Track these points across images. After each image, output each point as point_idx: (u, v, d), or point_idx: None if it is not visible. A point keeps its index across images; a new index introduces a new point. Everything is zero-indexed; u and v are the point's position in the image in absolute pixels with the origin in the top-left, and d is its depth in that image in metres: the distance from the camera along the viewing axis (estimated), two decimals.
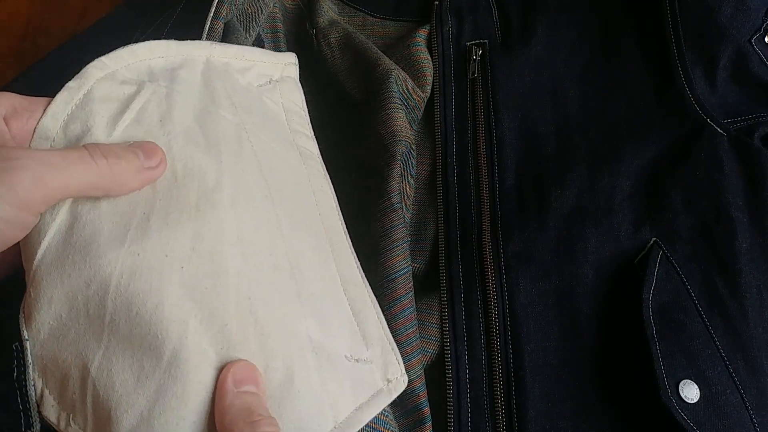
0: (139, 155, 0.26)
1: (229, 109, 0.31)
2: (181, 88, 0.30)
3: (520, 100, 0.45)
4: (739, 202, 0.38)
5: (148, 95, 0.29)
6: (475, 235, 0.40)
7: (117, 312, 0.24)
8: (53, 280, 0.25)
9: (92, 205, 0.26)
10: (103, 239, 0.25)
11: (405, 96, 0.44)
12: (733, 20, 0.41)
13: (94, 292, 0.24)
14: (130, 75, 0.30)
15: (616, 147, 0.41)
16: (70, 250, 0.25)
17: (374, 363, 0.29)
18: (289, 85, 0.37)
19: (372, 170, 0.42)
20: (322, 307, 0.29)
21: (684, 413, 0.32)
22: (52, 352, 0.24)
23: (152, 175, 0.26)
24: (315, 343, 0.27)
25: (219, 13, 0.38)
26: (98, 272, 0.24)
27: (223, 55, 0.34)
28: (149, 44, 0.31)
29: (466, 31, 0.49)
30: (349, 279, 0.32)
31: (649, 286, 0.35)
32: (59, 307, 0.24)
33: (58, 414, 0.24)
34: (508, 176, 0.42)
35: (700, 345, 0.34)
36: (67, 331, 0.24)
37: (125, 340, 0.24)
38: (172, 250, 0.25)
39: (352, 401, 0.28)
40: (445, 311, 0.38)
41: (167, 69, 0.31)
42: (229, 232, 0.26)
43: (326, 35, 0.48)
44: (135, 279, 0.24)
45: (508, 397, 0.35)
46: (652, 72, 0.43)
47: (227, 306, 0.25)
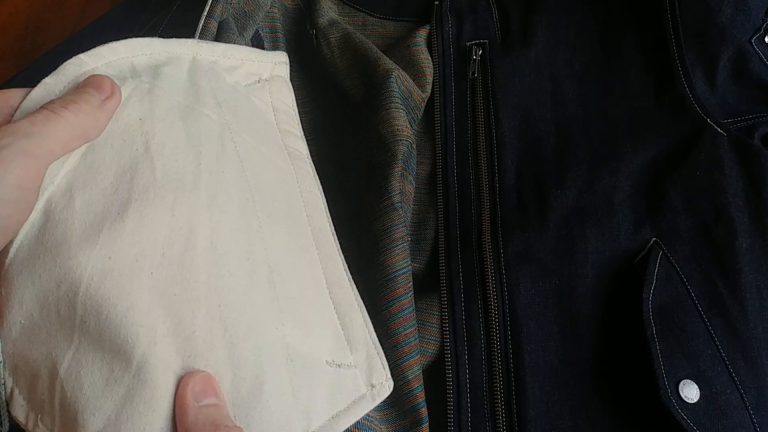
0: (92, 93, 0.26)
1: (213, 108, 0.31)
2: (164, 84, 0.30)
3: (520, 100, 0.45)
4: (739, 203, 0.38)
5: (129, 91, 0.28)
6: (475, 235, 0.40)
7: (87, 314, 0.24)
8: (24, 280, 0.24)
9: (66, 203, 0.25)
10: (75, 239, 0.24)
11: (405, 96, 0.44)
12: (733, 20, 0.41)
13: (65, 293, 0.24)
14: (112, 71, 0.29)
15: (616, 147, 0.41)
16: (42, 250, 0.25)
17: (358, 368, 0.29)
18: (278, 84, 0.36)
19: (373, 169, 0.42)
20: (303, 312, 0.28)
21: (684, 413, 0.32)
22: (23, 351, 0.24)
23: (113, 104, 0.27)
24: (291, 349, 0.27)
25: (213, 12, 0.38)
26: (69, 273, 0.24)
27: (210, 53, 0.33)
28: (131, 42, 0.31)
29: (466, 31, 0.49)
30: (336, 281, 0.31)
31: (649, 286, 0.35)
32: (30, 307, 0.24)
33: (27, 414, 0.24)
34: (508, 176, 0.42)
35: (700, 345, 0.34)
36: (39, 331, 0.24)
37: (95, 343, 0.24)
38: (143, 255, 0.25)
39: (327, 409, 0.27)
40: (445, 311, 0.38)
41: (151, 66, 0.31)
42: (203, 237, 0.26)
43: (326, 35, 0.48)
44: (105, 282, 0.24)
45: (508, 397, 0.35)
46: (652, 72, 0.43)
47: (196, 313, 0.25)
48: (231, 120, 0.31)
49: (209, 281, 0.25)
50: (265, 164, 0.31)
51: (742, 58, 0.42)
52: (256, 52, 0.36)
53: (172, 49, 0.32)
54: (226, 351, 0.25)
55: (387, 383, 0.29)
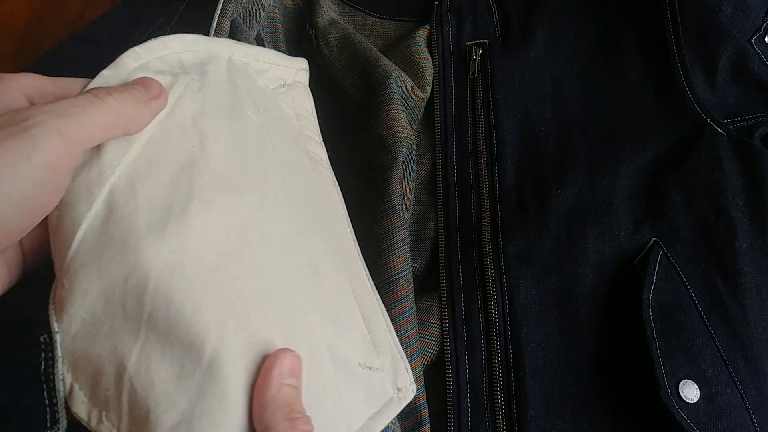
0: (139, 89, 0.26)
1: (252, 110, 0.31)
2: (211, 83, 0.30)
3: (520, 100, 0.45)
4: (739, 203, 0.38)
5: (182, 88, 0.29)
6: (475, 235, 0.40)
7: (156, 309, 0.23)
8: (89, 272, 0.24)
9: (130, 196, 0.25)
10: (142, 233, 0.24)
11: (405, 96, 0.44)
12: (733, 20, 0.41)
13: (132, 287, 0.23)
14: (164, 66, 0.30)
15: (616, 147, 0.41)
16: (108, 242, 0.24)
17: (384, 371, 0.29)
18: (299, 90, 0.37)
19: (373, 171, 0.42)
20: (338, 314, 0.28)
21: (684, 413, 0.32)
22: (83, 347, 0.24)
23: (158, 104, 0.27)
24: (332, 350, 0.27)
25: (225, 11, 0.38)
26: (137, 267, 0.24)
27: (244, 54, 0.33)
28: (180, 37, 0.31)
29: (466, 31, 0.49)
30: (359, 286, 0.31)
31: (649, 286, 0.35)
32: (94, 301, 0.24)
33: (89, 410, 0.24)
34: (508, 176, 0.42)
35: (700, 345, 0.34)
36: (101, 326, 0.24)
37: (164, 338, 0.23)
38: (207, 252, 0.25)
39: (365, 410, 0.27)
40: (445, 311, 0.38)
41: (196, 63, 0.31)
42: (256, 237, 0.26)
43: (325, 35, 0.48)
44: (174, 278, 0.24)
45: (508, 397, 0.35)
46: (652, 72, 0.43)
47: (255, 311, 0.25)
48: (268, 122, 0.31)
49: (266, 279, 0.26)
50: (296, 169, 0.32)
51: (742, 58, 0.42)
52: (282, 56, 0.36)
53: (213, 48, 0.32)
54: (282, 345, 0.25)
55: (411, 387, 0.30)
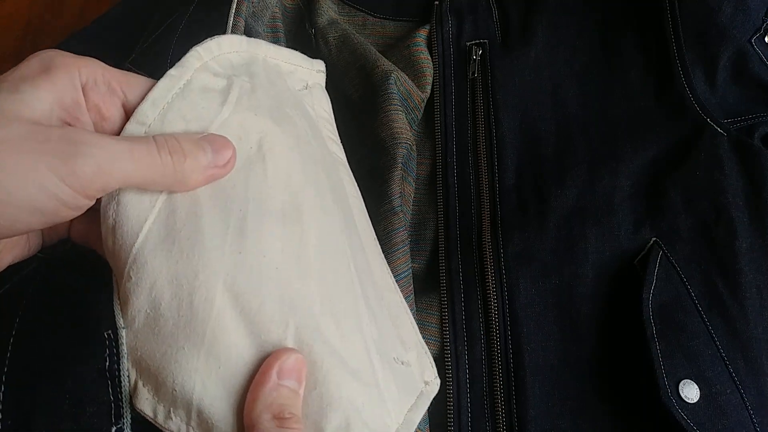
0: (207, 152, 0.25)
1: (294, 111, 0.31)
2: (259, 84, 0.30)
3: (520, 100, 0.45)
4: (739, 202, 0.38)
5: (239, 90, 0.29)
6: (475, 235, 0.40)
7: (224, 309, 0.23)
8: (159, 264, 0.24)
9: (191, 198, 0.25)
10: (207, 232, 0.24)
11: (405, 97, 0.44)
12: (733, 20, 0.41)
13: (202, 282, 0.23)
14: (219, 68, 0.30)
15: (616, 147, 0.41)
16: (177, 237, 0.24)
17: (413, 366, 0.30)
18: (318, 92, 0.37)
19: (372, 172, 0.42)
20: (375, 310, 0.29)
21: (684, 413, 0.32)
22: (146, 346, 0.24)
23: (218, 173, 0.26)
24: (377, 344, 0.27)
25: (240, 10, 0.38)
26: (208, 264, 0.24)
27: (276, 56, 0.34)
28: (230, 38, 0.31)
29: (466, 31, 0.49)
30: (385, 284, 0.32)
31: (649, 286, 0.35)
32: (160, 294, 0.23)
33: (155, 407, 0.24)
34: (508, 176, 0.42)
35: (700, 345, 0.34)
36: (165, 323, 0.23)
37: (229, 338, 0.23)
38: (269, 252, 0.25)
39: (406, 402, 0.28)
40: (445, 311, 0.38)
41: (243, 65, 0.31)
42: (311, 235, 0.27)
43: (324, 35, 0.48)
44: (239, 278, 0.24)
45: (508, 396, 0.35)
46: (652, 72, 0.43)
47: (313, 309, 0.25)
48: (304, 124, 0.31)
49: (320, 277, 0.26)
50: (330, 170, 0.32)
51: (742, 58, 0.42)
52: (304, 58, 0.36)
53: (252, 49, 0.32)
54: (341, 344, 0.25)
55: (435, 381, 0.30)
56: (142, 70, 0.34)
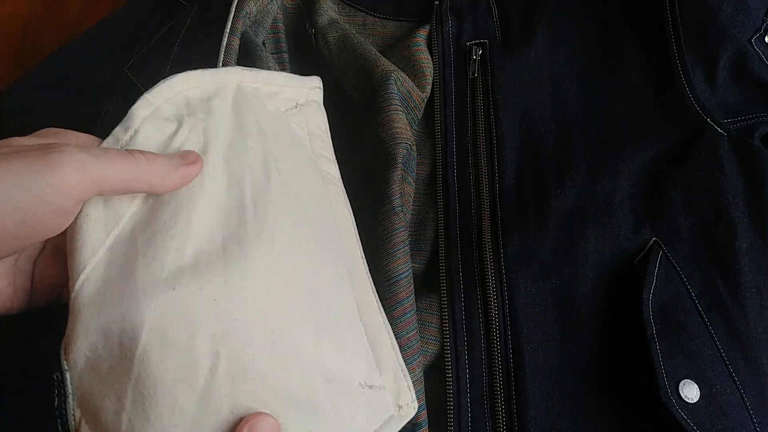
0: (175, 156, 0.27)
1: (257, 138, 0.31)
2: (215, 121, 0.31)
3: (520, 100, 0.45)
4: (739, 202, 0.38)
5: (187, 132, 0.30)
6: (475, 235, 0.40)
7: (150, 343, 0.24)
8: (91, 311, 0.25)
9: (130, 241, 0.27)
10: (140, 273, 0.25)
11: (405, 97, 0.44)
12: (733, 20, 0.41)
13: (129, 323, 0.24)
14: (170, 110, 0.31)
15: (616, 147, 0.41)
16: (108, 284, 0.25)
17: (387, 389, 0.30)
18: (313, 109, 0.37)
19: (372, 172, 0.42)
20: (340, 334, 0.29)
21: (684, 413, 0.32)
22: (88, 383, 0.25)
23: (190, 170, 0.27)
24: (329, 371, 0.28)
25: (235, 29, 0.38)
26: (134, 305, 0.25)
27: (253, 80, 0.34)
28: (184, 75, 0.31)
29: (466, 31, 0.49)
30: (365, 305, 0.32)
31: (649, 286, 0.35)
32: (95, 339, 0.25)
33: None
34: (508, 176, 0.42)
35: (700, 345, 0.34)
36: (102, 363, 0.25)
37: (156, 372, 0.24)
38: (207, 284, 0.26)
39: (365, 428, 0.28)
40: (445, 311, 0.38)
41: (203, 99, 0.32)
42: (254, 267, 0.27)
43: (324, 35, 0.48)
44: (169, 312, 0.25)
45: (508, 396, 0.35)
46: (652, 72, 0.43)
47: (253, 338, 0.26)
48: (274, 148, 0.32)
49: (261, 307, 0.26)
50: (307, 191, 0.32)
51: (742, 58, 0.42)
52: (293, 78, 0.36)
53: (221, 78, 0.33)
54: (281, 374, 0.26)
55: (412, 404, 0.30)
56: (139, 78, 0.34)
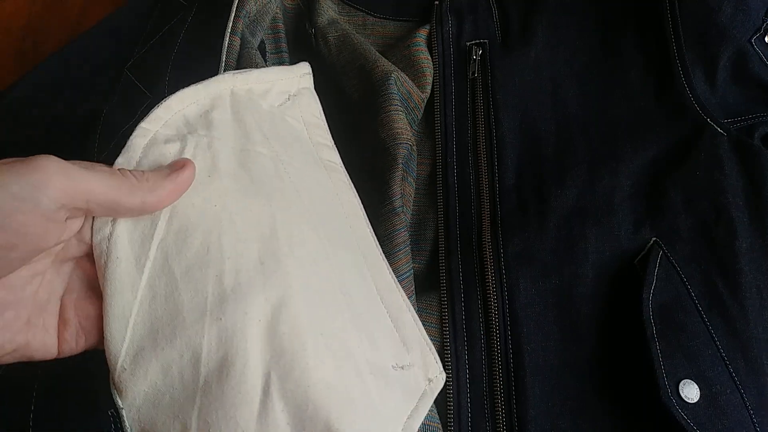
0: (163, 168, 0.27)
1: (262, 143, 0.31)
2: (218, 133, 0.31)
3: (520, 100, 0.45)
4: (739, 202, 0.38)
5: (192, 150, 0.30)
6: (475, 235, 0.40)
7: (209, 375, 0.25)
8: (147, 354, 0.26)
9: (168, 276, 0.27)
10: (187, 310, 0.26)
11: (405, 97, 0.44)
12: (733, 20, 0.41)
13: (188, 361, 0.26)
14: (170, 132, 0.30)
15: (616, 147, 0.41)
16: (159, 325, 0.26)
17: (416, 365, 0.30)
18: (306, 97, 0.37)
19: (373, 173, 0.42)
20: (369, 324, 0.29)
21: (684, 413, 0.32)
22: (149, 416, 0.26)
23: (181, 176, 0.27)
24: (371, 363, 0.28)
25: (236, 29, 0.38)
26: (189, 342, 0.26)
27: (245, 83, 0.34)
28: (179, 95, 0.31)
29: (466, 31, 0.49)
30: (384, 287, 0.32)
31: (649, 286, 0.35)
32: (154, 377, 0.26)
33: None
34: (508, 176, 0.42)
35: (700, 345, 0.34)
36: (162, 397, 0.26)
37: (217, 400, 0.25)
38: (250, 306, 0.26)
39: (404, 409, 0.29)
40: (445, 311, 0.38)
41: (200, 115, 0.32)
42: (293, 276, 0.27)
43: (324, 34, 0.48)
44: (222, 343, 0.26)
45: (508, 396, 0.35)
46: (652, 72, 0.43)
47: (306, 345, 0.26)
48: (279, 150, 0.32)
49: (308, 314, 0.27)
50: (314, 186, 0.32)
51: (742, 58, 0.42)
52: (283, 70, 0.36)
53: (214, 90, 0.32)
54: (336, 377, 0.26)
55: (441, 375, 0.31)
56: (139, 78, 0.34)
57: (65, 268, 0.28)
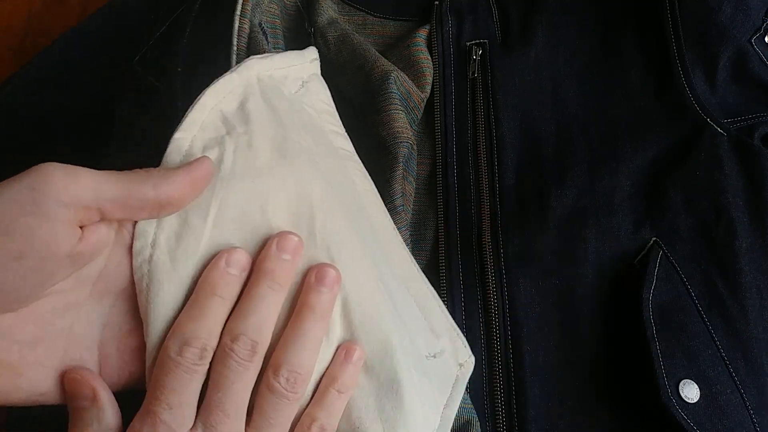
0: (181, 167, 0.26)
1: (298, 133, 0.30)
2: (257, 127, 0.29)
3: (520, 100, 0.45)
4: (739, 202, 0.38)
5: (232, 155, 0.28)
6: (475, 235, 0.40)
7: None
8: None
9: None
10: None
11: (404, 96, 0.44)
12: (733, 20, 0.41)
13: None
14: (208, 135, 0.28)
15: (616, 147, 0.41)
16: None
17: (446, 352, 0.31)
18: (315, 84, 0.36)
19: (374, 172, 0.41)
20: (404, 315, 0.29)
21: (684, 413, 0.32)
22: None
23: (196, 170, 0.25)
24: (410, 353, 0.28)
25: (245, 11, 0.38)
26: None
27: (267, 68, 0.33)
28: (213, 89, 0.29)
29: (466, 31, 0.49)
30: (409, 275, 0.32)
31: (649, 286, 0.35)
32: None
33: None
34: (508, 176, 0.42)
35: (700, 345, 0.34)
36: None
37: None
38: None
39: (441, 399, 0.29)
40: None
41: (237, 108, 0.30)
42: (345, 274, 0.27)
43: (324, 34, 0.48)
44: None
45: (508, 396, 0.35)
46: (652, 72, 0.43)
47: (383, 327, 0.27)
48: (309, 141, 0.31)
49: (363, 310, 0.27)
50: (337, 176, 0.32)
51: (742, 58, 0.42)
52: (296, 55, 0.35)
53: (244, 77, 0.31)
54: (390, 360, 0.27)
55: (470, 359, 0.31)
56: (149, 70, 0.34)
57: (106, 301, 0.26)
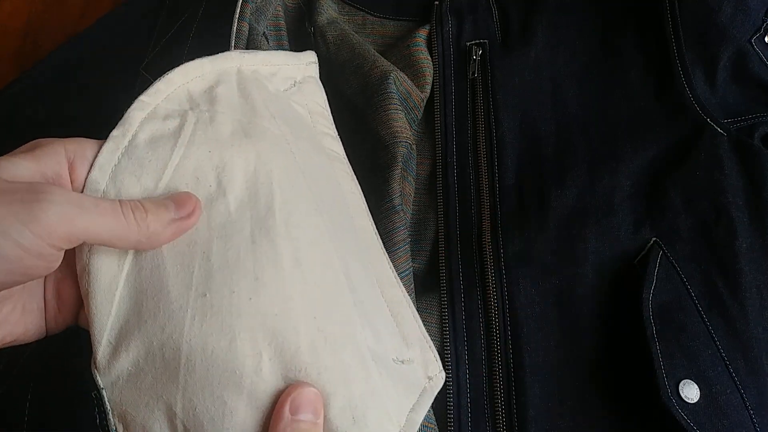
0: (170, 208, 0.26)
1: (270, 120, 0.31)
2: (223, 108, 0.30)
3: (520, 100, 0.45)
4: (739, 202, 0.38)
5: (192, 126, 0.29)
6: (475, 235, 0.40)
7: (192, 353, 0.24)
8: (131, 328, 0.25)
9: (154, 252, 0.26)
10: (171, 284, 0.25)
11: (404, 96, 0.44)
12: (733, 20, 0.41)
13: (169, 335, 0.25)
14: (171, 106, 0.30)
15: (616, 147, 0.41)
16: (143, 298, 0.26)
17: (416, 362, 0.30)
18: (311, 85, 0.37)
19: (373, 171, 0.42)
20: (371, 314, 0.29)
21: (684, 413, 0.32)
22: (131, 397, 0.25)
23: (184, 224, 0.26)
24: (373, 351, 0.27)
25: (244, 14, 0.38)
26: (171, 316, 0.25)
27: (252, 62, 0.33)
28: (183, 68, 0.31)
29: (466, 31, 0.49)
30: (385, 280, 0.32)
31: (649, 286, 0.35)
32: (136, 354, 0.25)
33: None
34: (508, 176, 0.42)
35: (700, 345, 0.34)
36: (145, 376, 0.25)
37: (203, 379, 0.24)
38: (237, 285, 0.25)
39: (406, 405, 0.28)
40: (445, 311, 0.38)
41: (205, 90, 0.31)
42: (287, 256, 0.27)
43: (323, 33, 0.48)
44: (206, 319, 0.25)
45: (508, 396, 0.35)
46: (652, 72, 0.43)
47: (298, 328, 0.26)
48: (285, 130, 0.31)
49: (303, 295, 0.26)
50: (319, 172, 0.32)
51: (742, 58, 0.42)
52: (290, 55, 0.36)
53: (220, 66, 0.32)
54: (331, 360, 0.26)
55: (440, 374, 0.30)
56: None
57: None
